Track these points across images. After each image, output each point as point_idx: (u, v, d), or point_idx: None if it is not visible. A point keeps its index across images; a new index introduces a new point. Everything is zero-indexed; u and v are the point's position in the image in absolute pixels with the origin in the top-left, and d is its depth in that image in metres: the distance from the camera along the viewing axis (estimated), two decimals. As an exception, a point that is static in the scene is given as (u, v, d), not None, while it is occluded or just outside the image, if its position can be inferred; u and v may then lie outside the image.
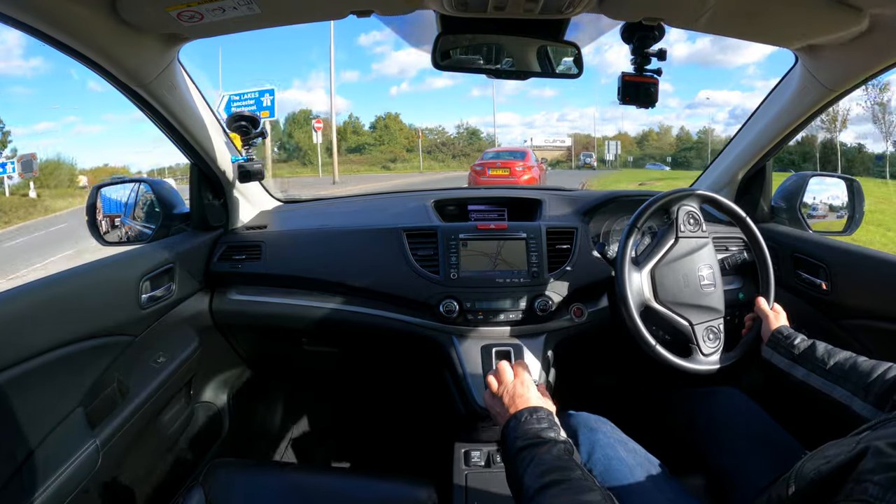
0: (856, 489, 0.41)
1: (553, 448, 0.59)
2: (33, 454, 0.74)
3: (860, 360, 0.77)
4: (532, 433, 0.63)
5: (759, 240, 1.04)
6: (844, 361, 0.78)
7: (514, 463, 0.60)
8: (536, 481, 0.55)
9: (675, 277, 0.98)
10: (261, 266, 1.21)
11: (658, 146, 47.44)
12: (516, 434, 0.64)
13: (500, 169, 10.34)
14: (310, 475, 0.91)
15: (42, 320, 0.76)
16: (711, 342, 0.97)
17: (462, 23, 0.88)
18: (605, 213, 1.31)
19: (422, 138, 36.04)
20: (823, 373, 0.80)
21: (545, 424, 0.64)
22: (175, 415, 1.14)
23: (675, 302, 0.97)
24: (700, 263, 1.01)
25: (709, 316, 0.98)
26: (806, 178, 1.28)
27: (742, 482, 0.81)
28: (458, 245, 1.15)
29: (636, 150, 43.07)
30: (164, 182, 1.26)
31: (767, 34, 0.89)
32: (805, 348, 0.84)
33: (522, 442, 0.62)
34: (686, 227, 1.01)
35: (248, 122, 1.19)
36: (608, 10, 0.81)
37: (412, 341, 1.18)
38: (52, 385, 0.78)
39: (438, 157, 36.01)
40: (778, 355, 0.88)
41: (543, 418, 0.65)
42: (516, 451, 0.61)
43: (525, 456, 0.59)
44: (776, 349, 0.88)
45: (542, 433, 0.62)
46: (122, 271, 0.96)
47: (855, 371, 0.76)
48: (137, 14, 0.77)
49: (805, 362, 0.83)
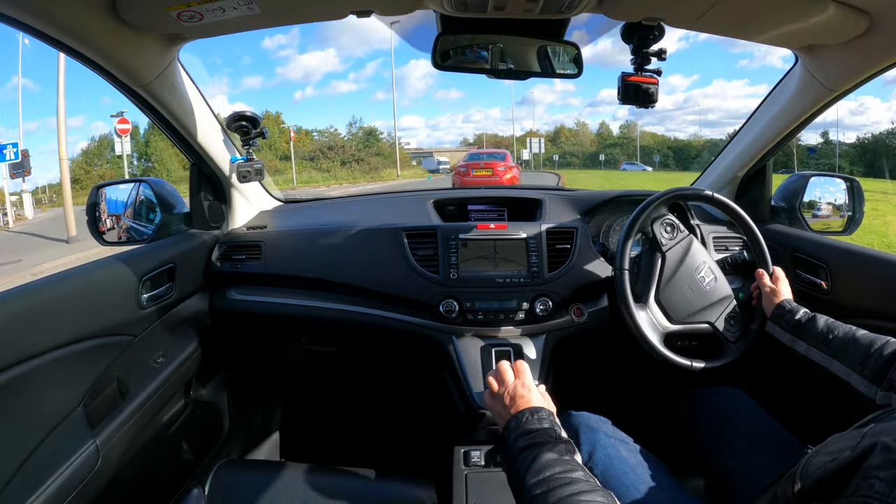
0: (862, 485, 0.40)
1: (554, 448, 0.59)
2: (33, 454, 0.74)
3: (860, 333, 0.78)
4: (533, 433, 0.62)
5: (759, 239, 1.04)
6: (844, 335, 0.79)
7: (514, 463, 0.60)
8: (537, 482, 0.55)
9: (681, 292, 1.00)
10: (261, 266, 1.21)
11: (576, 142, 46.70)
12: (517, 434, 0.64)
13: (484, 169, 10.85)
14: (309, 475, 0.91)
15: (42, 320, 0.76)
16: (733, 328, 1.00)
17: (462, 23, 0.88)
18: (604, 213, 1.31)
19: (296, 140, 28.21)
20: (824, 347, 0.81)
21: (546, 424, 0.64)
22: (175, 415, 1.14)
23: (690, 314, 0.99)
24: (695, 265, 1.01)
25: (722, 306, 1.00)
26: (806, 178, 1.28)
27: (743, 482, 0.81)
28: (457, 245, 1.15)
29: (552, 148, 42.15)
30: (164, 182, 1.26)
31: (767, 34, 0.89)
32: (806, 321, 0.85)
33: (524, 442, 0.62)
34: (665, 238, 1.02)
35: (248, 122, 1.19)
36: (608, 10, 0.81)
37: (412, 341, 1.18)
38: (52, 385, 0.78)
39: (322, 166, 28.46)
40: (780, 329, 0.89)
41: (545, 418, 0.65)
42: (517, 452, 0.61)
43: (526, 456, 0.59)
44: (779, 323, 0.90)
45: (543, 433, 0.62)
46: (122, 271, 0.96)
47: (854, 345, 0.77)
48: (137, 14, 0.77)
49: (807, 336, 0.84)
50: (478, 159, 11.70)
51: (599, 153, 41.65)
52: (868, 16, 0.77)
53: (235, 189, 1.28)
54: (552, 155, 40.04)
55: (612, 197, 1.34)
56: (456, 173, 11.50)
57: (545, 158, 36.22)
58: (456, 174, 11.38)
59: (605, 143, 45.55)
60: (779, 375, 1.19)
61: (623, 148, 43.96)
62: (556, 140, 45.09)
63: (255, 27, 0.86)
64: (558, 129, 49.56)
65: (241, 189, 1.30)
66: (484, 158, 11.75)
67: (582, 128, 50.24)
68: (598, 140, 47.22)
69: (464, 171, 11.02)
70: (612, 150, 43.25)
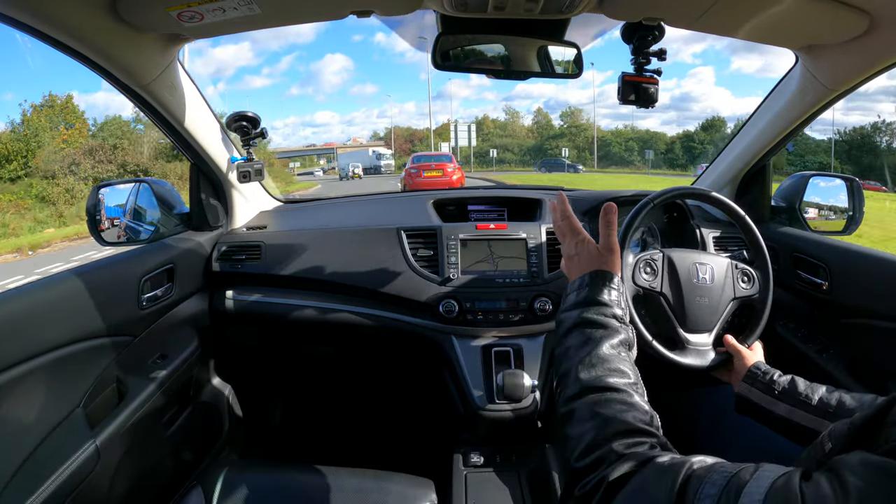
0: (893, 432, 0.40)
1: (614, 338, 0.56)
2: (33, 454, 0.74)
3: (844, 395, 0.74)
4: (605, 308, 0.59)
5: (758, 239, 1.04)
6: (829, 396, 0.75)
7: (567, 337, 0.58)
8: (585, 375, 0.53)
9: (693, 303, 0.92)
10: (260, 266, 1.21)
11: (508, 134, 40.07)
12: (579, 300, 0.61)
13: (435, 171, 11.50)
14: (309, 475, 0.91)
15: (42, 320, 0.76)
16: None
17: (462, 23, 0.88)
18: None
19: (68, 137, 16.81)
20: (810, 408, 0.75)
21: (614, 296, 0.61)
22: (174, 415, 1.14)
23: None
24: (691, 273, 0.96)
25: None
26: (806, 178, 1.28)
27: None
28: (457, 245, 1.15)
29: (482, 143, 36.23)
30: (164, 182, 1.26)
31: (768, 34, 0.89)
32: (785, 384, 0.79)
33: (593, 314, 0.59)
34: (645, 275, 0.92)
35: (248, 122, 1.19)
36: (608, 10, 0.81)
37: (411, 341, 1.18)
38: (51, 385, 0.78)
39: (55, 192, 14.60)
40: (757, 391, 0.82)
41: (620, 294, 0.62)
42: (579, 321, 0.58)
43: (587, 334, 0.57)
44: (754, 384, 0.82)
45: (614, 315, 0.59)
46: (121, 271, 0.96)
47: (842, 407, 0.73)
48: (138, 14, 0.77)
49: (787, 398, 0.78)
50: (427, 161, 12.33)
51: (543, 146, 35.17)
52: (868, 16, 0.77)
53: (235, 189, 1.28)
54: (488, 150, 34.08)
55: (613, 197, 1.34)
56: (407, 175, 11.94)
57: (477, 152, 30.57)
58: (407, 176, 11.81)
59: (548, 136, 38.65)
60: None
61: (571, 139, 36.57)
62: (479, 132, 35.17)
63: (255, 27, 0.86)
64: (481, 121, 41.99)
65: (240, 189, 1.30)
66: (434, 160, 12.39)
67: (513, 117, 42.50)
68: (536, 132, 40.37)
69: (414, 173, 11.52)
70: (555, 142, 36.28)
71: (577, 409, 0.51)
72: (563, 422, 0.52)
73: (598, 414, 0.50)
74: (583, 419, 0.50)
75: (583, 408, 0.51)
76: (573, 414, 0.51)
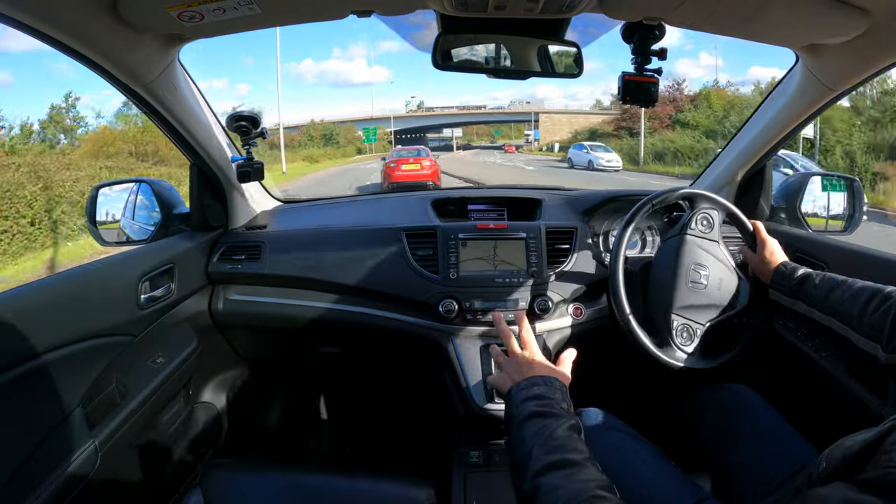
0: (883, 459, 0.42)
1: (565, 424, 0.58)
2: (32, 454, 0.74)
3: (858, 286, 0.80)
4: (547, 401, 0.61)
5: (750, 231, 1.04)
6: (843, 291, 0.81)
7: (521, 428, 0.59)
8: (546, 457, 0.54)
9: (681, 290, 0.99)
10: (260, 266, 1.21)
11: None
12: (528, 396, 0.63)
13: (413, 164, 11.99)
14: (309, 475, 0.91)
15: (42, 320, 0.76)
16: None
17: (462, 22, 0.88)
18: (604, 213, 1.31)
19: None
20: (823, 305, 0.83)
21: (559, 395, 0.63)
22: (174, 415, 1.14)
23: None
24: (688, 265, 1.00)
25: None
26: (806, 178, 1.28)
27: (752, 477, 0.80)
28: (457, 245, 1.15)
29: None
30: (163, 182, 1.26)
31: (768, 34, 0.89)
32: (805, 281, 0.87)
33: (536, 407, 0.60)
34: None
35: (249, 122, 1.19)
36: (608, 9, 0.81)
37: (411, 341, 1.18)
38: (51, 385, 0.78)
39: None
40: (781, 294, 0.92)
41: (558, 389, 0.64)
42: (527, 416, 0.60)
43: (537, 425, 0.58)
44: (779, 287, 0.92)
45: (556, 404, 0.61)
46: (121, 271, 0.96)
47: (851, 300, 0.79)
48: (138, 14, 0.77)
49: (805, 296, 0.87)
50: (406, 156, 12.87)
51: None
52: (868, 16, 0.77)
53: (235, 189, 1.28)
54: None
55: (612, 196, 1.34)
56: (386, 168, 12.40)
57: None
58: (386, 169, 12.24)
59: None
60: (777, 375, 1.19)
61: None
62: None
63: (256, 27, 0.86)
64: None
65: (241, 189, 1.30)
66: (413, 155, 12.99)
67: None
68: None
69: (394, 167, 11.92)
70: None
71: (543, 484, 0.52)
72: (530, 499, 0.53)
73: (566, 485, 0.51)
74: (555, 488, 0.51)
75: (551, 480, 0.52)
76: (540, 488, 0.52)
